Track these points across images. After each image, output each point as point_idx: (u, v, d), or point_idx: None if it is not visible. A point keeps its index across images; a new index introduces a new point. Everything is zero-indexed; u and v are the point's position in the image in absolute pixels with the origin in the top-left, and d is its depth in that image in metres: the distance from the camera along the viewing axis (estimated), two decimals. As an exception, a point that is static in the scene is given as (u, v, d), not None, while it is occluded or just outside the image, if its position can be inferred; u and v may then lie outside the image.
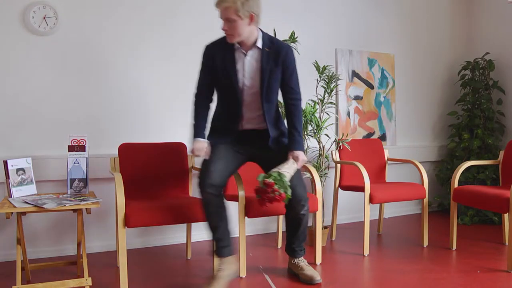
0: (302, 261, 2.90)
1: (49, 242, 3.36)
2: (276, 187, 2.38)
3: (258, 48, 2.67)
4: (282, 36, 3.72)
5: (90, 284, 2.54)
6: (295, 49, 3.74)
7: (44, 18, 3.32)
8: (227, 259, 2.67)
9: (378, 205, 4.08)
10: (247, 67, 2.67)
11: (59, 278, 2.76)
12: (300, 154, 2.68)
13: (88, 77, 3.44)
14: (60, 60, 3.37)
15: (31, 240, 3.27)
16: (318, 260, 3.13)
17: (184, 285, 2.76)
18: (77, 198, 2.60)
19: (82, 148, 2.78)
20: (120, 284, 2.63)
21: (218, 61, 2.66)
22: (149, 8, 3.59)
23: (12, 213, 2.44)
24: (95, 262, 3.16)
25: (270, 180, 2.40)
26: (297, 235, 2.85)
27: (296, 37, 3.72)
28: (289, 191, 2.47)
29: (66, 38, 3.38)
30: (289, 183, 2.49)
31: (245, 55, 2.67)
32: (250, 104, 2.72)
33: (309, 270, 2.82)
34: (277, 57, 2.67)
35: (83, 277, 2.56)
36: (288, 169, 2.55)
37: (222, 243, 2.66)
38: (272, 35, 3.68)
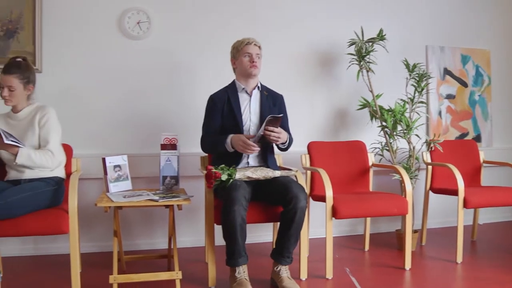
0: (285, 272, 2.69)
1: (142, 236, 3.54)
2: (216, 170, 2.61)
3: (259, 89, 2.99)
4: (369, 34, 3.64)
5: (180, 277, 2.62)
6: (384, 47, 3.65)
7: (138, 23, 3.49)
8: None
9: (472, 210, 3.85)
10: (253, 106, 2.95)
11: (152, 270, 2.87)
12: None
13: (179, 78, 3.58)
14: (152, 62, 3.53)
15: (126, 233, 3.45)
16: (408, 265, 3.02)
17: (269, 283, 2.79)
18: (169, 195, 2.70)
19: (173, 146, 2.88)
20: (209, 279, 2.71)
21: (225, 105, 2.92)
22: (239, 13, 3.67)
23: (110, 207, 2.59)
24: (184, 256, 3.26)
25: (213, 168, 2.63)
26: (288, 235, 2.62)
27: (384, 35, 3.63)
28: (226, 177, 2.60)
29: (158, 41, 3.54)
30: (232, 173, 2.63)
31: (250, 95, 2.95)
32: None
33: (289, 284, 2.61)
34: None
35: (174, 270, 2.66)
36: (253, 171, 2.73)
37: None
38: (359, 33, 3.63)
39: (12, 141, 2.51)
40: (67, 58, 3.41)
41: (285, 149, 2.95)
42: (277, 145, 2.90)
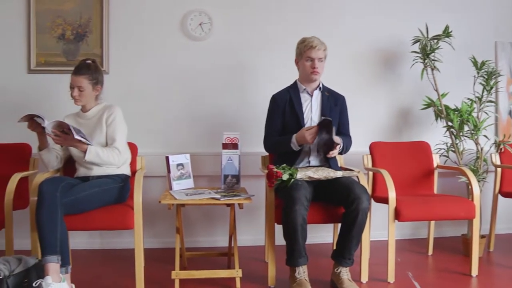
0: (345, 273, 2.64)
1: (203, 233, 3.62)
2: (277, 170, 2.60)
3: (320, 90, 2.98)
4: (435, 31, 3.53)
5: (241, 275, 2.65)
6: (449, 44, 3.52)
7: (200, 24, 3.56)
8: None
9: (546, 215, 3.65)
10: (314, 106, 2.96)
11: (212, 268, 2.94)
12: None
13: (241, 78, 3.63)
14: (214, 62, 3.60)
15: (187, 230, 3.53)
16: (474, 272, 2.89)
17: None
18: (230, 193, 2.73)
19: (235, 146, 2.91)
20: (268, 278, 2.72)
21: (286, 105, 2.94)
22: (300, 12, 3.66)
23: (173, 204, 2.66)
24: (244, 255, 3.28)
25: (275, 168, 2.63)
26: (350, 237, 2.58)
27: (451, 32, 3.50)
28: (287, 177, 2.59)
29: (219, 42, 3.60)
30: (294, 173, 2.62)
31: (311, 96, 2.96)
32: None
33: (349, 286, 2.58)
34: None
35: (234, 268, 2.69)
36: (314, 171, 2.73)
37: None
38: (424, 30, 3.53)
39: (81, 136, 2.62)
40: (132, 59, 3.54)
41: (341, 154, 2.93)
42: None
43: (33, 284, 2.26)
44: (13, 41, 3.45)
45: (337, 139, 2.72)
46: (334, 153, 2.75)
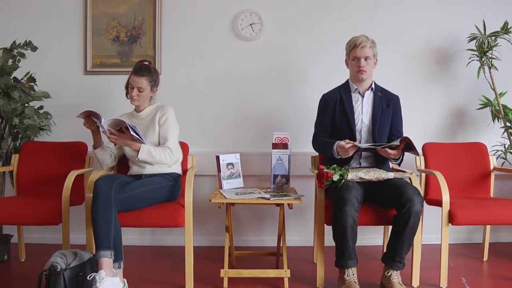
0: (396, 277, 2.58)
1: (251, 232, 3.63)
2: (328, 170, 2.58)
3: (372, 90, 2.90)
4: (492, 27, 3.40)
5: (289, 276, 2.65)
6: (508, 41, 3.38)
7: (251, 25, 3.58)
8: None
9: None
10: (365, 107, 2.88)
11: (260, 267, 2.95)
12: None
13: (291, 78, 3.62)
14: (264, 62, 3.61)
15: (236, 229, 3.55)
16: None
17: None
18: (280, 193, 2.74)
19: (285, 146, 2.92)
20: (317, 279, 2.70)
21: (337, 105, 2.89)
22: (351, 11, 3.61)
23: (223, 203, 2.68)
24: (292, 255, 3.28)
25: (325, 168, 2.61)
26: (401, 240, 2.51)
27: (510, 28, 3.36)
28: (338, 177, 2.57)
29: (269, 42, 3.60)
30: (344, 174, 2.60)
31: (363, 96, 2.88)
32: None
33: None
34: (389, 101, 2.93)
35: (282, 268, 2.69)
36: (365, 172, 2.69)
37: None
38: (481, 27, 3.40)
39: (137, 133, 2.69)
40: (183, 60, 3.60)
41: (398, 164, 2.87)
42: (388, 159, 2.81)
43: (87, 278, 2.35)
44: (71, 44, 3.59)
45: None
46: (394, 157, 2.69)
